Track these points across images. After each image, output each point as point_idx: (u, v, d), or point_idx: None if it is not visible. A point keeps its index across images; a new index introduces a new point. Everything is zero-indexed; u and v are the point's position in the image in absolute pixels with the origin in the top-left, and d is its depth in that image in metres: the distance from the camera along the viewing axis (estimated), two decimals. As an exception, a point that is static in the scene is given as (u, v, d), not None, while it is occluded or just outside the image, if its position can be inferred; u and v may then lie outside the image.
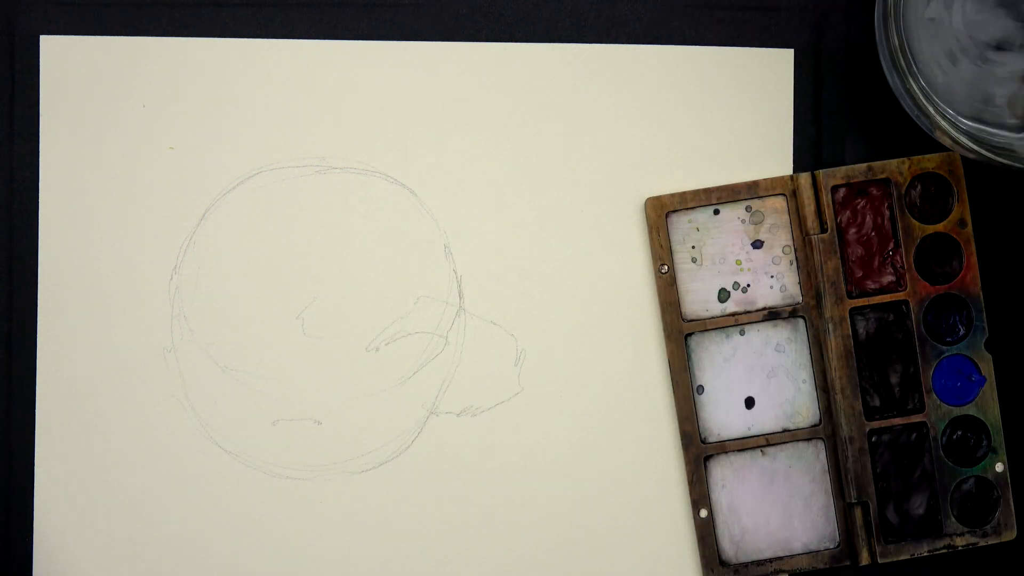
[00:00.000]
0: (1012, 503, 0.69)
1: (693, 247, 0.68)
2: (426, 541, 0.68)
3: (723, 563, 0.68)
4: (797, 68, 0.69)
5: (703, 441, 0.68)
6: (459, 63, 0.68)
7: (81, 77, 0.67)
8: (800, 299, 0.68)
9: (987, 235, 0.69)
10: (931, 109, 0.63)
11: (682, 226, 0.68)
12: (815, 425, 0.69)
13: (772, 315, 0.68)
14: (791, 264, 0.68)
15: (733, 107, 0.69)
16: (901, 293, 0.68)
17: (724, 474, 0.69)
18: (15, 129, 0.67)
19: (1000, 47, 0.65)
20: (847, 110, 0.69)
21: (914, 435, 0.68)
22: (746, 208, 0.68)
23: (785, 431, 0.68)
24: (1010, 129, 0.65)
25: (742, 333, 0.68)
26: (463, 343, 0.68)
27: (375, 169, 0.68)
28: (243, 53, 0.68)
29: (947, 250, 0.69)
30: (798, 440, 0.68)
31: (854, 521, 0.68)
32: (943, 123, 0.63)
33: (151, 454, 0.67)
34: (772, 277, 0.68)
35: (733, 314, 0.68)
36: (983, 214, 0.69)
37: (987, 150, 0.63)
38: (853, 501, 0.68)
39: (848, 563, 0.68)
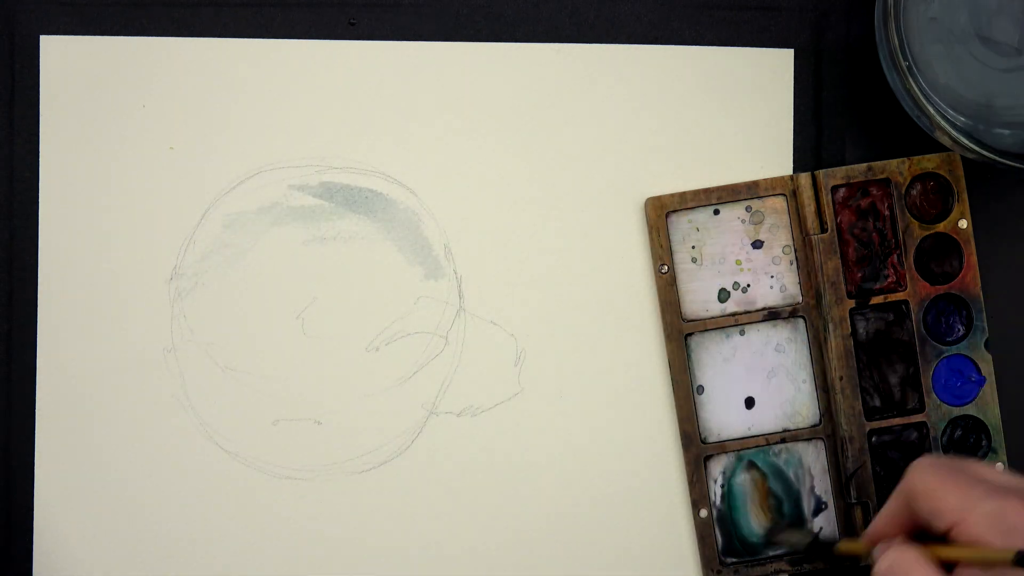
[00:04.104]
0: (1012, 503, 0.69)
1: (693, 247, 0.68)
2: (426, 541, 0.68)
3: (723, 563, 0.68)
4: (797, 68, 0.69)
5: (703, 441, 0.68)
6: (459, 63, 0.68)
7: (81, 77, 0.67)
8: (800, 299, 0.68)
9: (987, 235, 0.69)
10: (931, 109, 0.63)
11: (682, 226, 0.68)
12: (815, 425, 0.69)
13: (772, 315, 0.68)
14: (791, 264, 0.68)
15: (733, 107, 0.69)
16: (901, 293, 0.68)
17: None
18: (15, 129, 0.67)
19: (1001, 47, 0.65)
20: (847, 110, 0.69)
21: (914, 435, 0.68)
22: (746, 208, 0.68)
23: (785, 431, 0.69)
24: (1010, 128, 0.65)
25: (742, 333, 0.68)
26: (463, 343, 0.68)
27: (375, 169, 0.68)
28: (243, 53, 0.68)
29: (947, 250, 0.69)
30: (798, 440, 0.68)
31: (854, 521, 0.68)
32: (943, 123, 0.63)
33: (151, 454, 0.67)
34: (772, 277, 0.68)
35: (733, 314, 0.68)
36: (983, 214, 0.69)
37: (987, 150, 0.63)
38: (853, 501, 0.68)
39: (848, 563, 0.68)
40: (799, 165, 0.69)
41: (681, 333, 0.68)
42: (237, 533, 0.68)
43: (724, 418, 0.69)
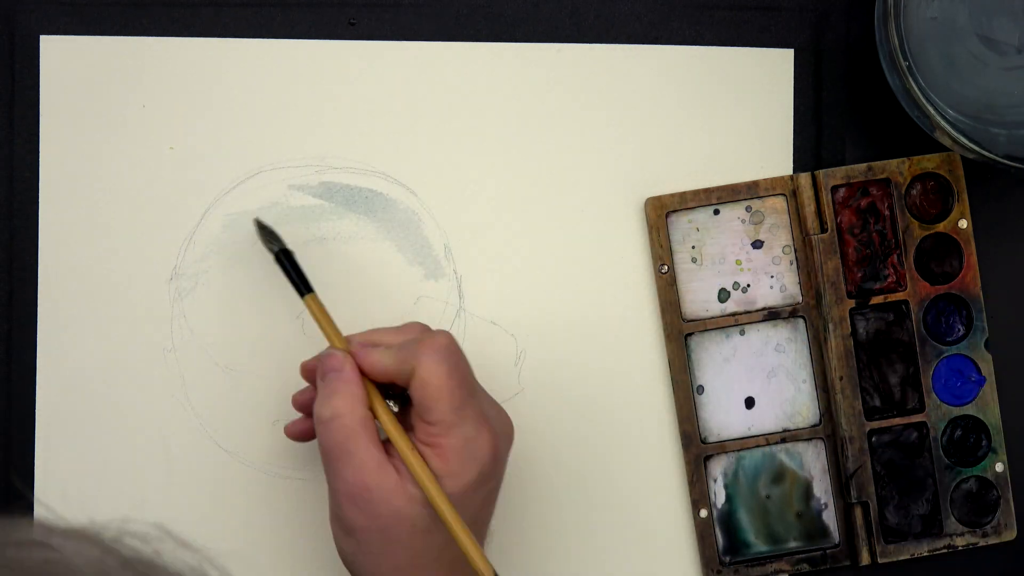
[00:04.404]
0: (1012, 503, 0.69)
1: (693, 247, 0.68)
2: (426, 541, 0.68)
3: (723, 563, 0.68)
4: (797, 68, 0.69)
5: (703, 441, 0.68)
6: (459, 63, 0.68)
7: (81, 77, 0.67)
8: (800, 299, 0.68)
9: (987, 235, 0.69)
10: (931, 109, 0.63)
11: (682, 226, 0.68)
12: (815, 425, 0.69)
13: (772, 315, 0.68)
14: (791, 264, 0.68)
15: (733, 107, 0.69)
16: (901, 293, 0.68)
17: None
18: (15, 129, 0.67)
19: (1001, 47, 0.65)
20: (847, 110, 0.69)
21: (914, 435, 0.68)
22: (746, 208, 0.68)
23: (785, 431, 0.68)
24: (1010, 128, 0.65)
25: (742, 333, 0.68)
26: (463, 343, 0.68)
27: (375, 169, 0.68)
28: (243, 53, 0.68)
29: (947, 250, 0.69)
30: (798, 440, 0.68)
31: (854, 521, 0.68)
32: (943, 123, 0.63)
33: (151, 454, 0.67)
34: (772, 277, 0.68)
35: (733, 314, 0.68)
36: (983, 214, 0.69)
37: (987, 150, 0.63)
38: (853, 501, 0.68)
39: (848, 563, 0.68)
40: (799, 165, 0.69)
41: (681, 333, 0.68)
42: (237, 533, 0.67)
43: (724, 418, 0.69)
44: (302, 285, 0.63)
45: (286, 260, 0.63)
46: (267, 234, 0.64)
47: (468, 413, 0.58)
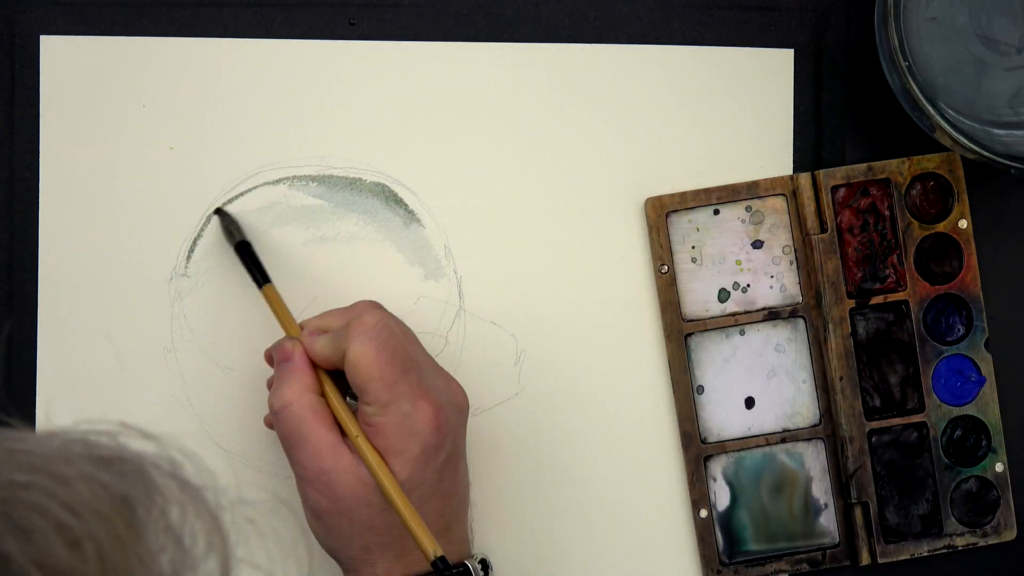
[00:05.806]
0: (1012, 503, 0.69)
1: (693, 247, 0.68)
2: (426, 541, 0.68)
3: (723, 563, 0.68)
4: (797, 68, 0.69)
5: (703, 441, 0.68)
6: (459, 63, 0.68)
7: (81, 77, 0.67)
8: (800, 299, 0.68)
9: (987, 235, 0.69)
10: (931, 109, 0.63)
11: (682, 226, 0.68)
12: (815, 425, 0.68)
13: (772, 315, 0.68)
14: (791, 264, 0.68)
15: (733, 107, 0.69)
16: (901, 293, 0.68)
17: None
18: (15, 129, 0.67)
19: (1000, 47, 0.65)
20: (847, 110, 0.69)
21: (914, 435, 0.68)
22: (746, 208, 0.68)
23: (785, 431, 0.68)
24: (1010, 128, 0.65)
25: (742, 333, 0.68)
26: (463, 343, 0.68)
27: (375, 169, 0.68)
28: (243, 53, 0.68)
29: (947, 250, 0.69)
30: (798, 440, 0.68)
31: (854, 521, 0.68)
32: (943, 123, 0.63)
33: (151, 454, 0.67)
34: (772, 277, 0.68)
35: (733, 314, 0.68)
36: (983, 214, 0.69)
37: (987, 150, 0.63)
38: (853, 501, 0.68)
39: (848, 563, 0.68)
40: (799, 165, 0.69)
41: (681, 333, 0.68)
42: (235, 532, 0.67)
43: (724, 418, 0.69)
44: (259, 276, 0.64)
45: (244, 252, 0.65)
46: (229, 225, 0.65)
47: (402, 389, 0.58)
